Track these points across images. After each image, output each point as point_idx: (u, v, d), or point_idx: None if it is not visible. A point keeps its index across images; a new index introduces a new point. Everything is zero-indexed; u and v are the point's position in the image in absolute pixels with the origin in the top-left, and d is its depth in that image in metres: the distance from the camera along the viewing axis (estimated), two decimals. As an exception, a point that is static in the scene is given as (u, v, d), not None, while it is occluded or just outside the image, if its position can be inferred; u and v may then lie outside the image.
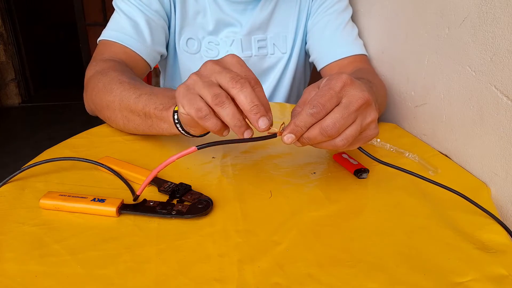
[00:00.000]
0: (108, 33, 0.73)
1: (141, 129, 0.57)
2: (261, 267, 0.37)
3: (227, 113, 0.41)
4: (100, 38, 0.74)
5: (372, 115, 0.43)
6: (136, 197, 0.46)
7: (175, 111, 0.49)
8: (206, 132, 0.50)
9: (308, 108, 0.40)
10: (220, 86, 0.41)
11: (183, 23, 0.79)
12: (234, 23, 0.81)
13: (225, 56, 0.44)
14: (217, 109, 0.41)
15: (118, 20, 0.73)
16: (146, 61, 0.74)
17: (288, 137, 0.41)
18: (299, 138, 0.42)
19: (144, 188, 0.45)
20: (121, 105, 0.57)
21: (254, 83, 0.42)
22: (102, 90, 0.61)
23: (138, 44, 0.72)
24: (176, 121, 0.49)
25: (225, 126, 0.43)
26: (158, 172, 0.43)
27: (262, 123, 0.40)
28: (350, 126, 0.42)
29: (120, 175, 0.50)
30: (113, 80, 0.60)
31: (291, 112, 0.43)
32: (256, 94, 0.41)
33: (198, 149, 0.42)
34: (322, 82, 0.43)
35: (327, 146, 0.42)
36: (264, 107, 0.41)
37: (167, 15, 0.78)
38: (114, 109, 0.59)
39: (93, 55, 0.72)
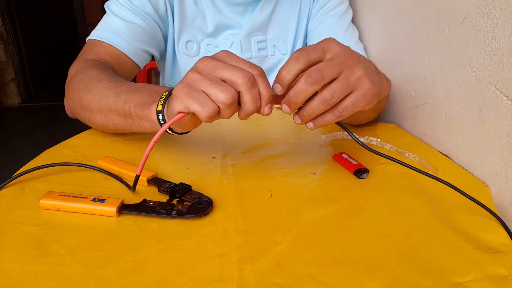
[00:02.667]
0: (96, 33, 0.72)
1: (121, 128, 0.56)
2: (261, 267, 0.37)
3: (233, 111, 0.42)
4: (88, 38, 0.73)
5: (360, 71, 0.42)
6: (135, 181, 0.46)
7: (158, 111, 0.47)
8: (191, 129, 0.50)
9: (293, 56, 0.42)
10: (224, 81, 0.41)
11: (181, 26, 0.79)
12: (234, 24, 0.81)
13: (218, 52, 0.43)
14: (224, 107, 0.41)
15: (107, 19, 0.73)
16: (133, 60, 0.73)
17: (276, 87, 0.42)
18: (288, 98, 0.42)
19: (142, 167, 0.44)
20: (100, 104, 0.56)
21: (258, 74, 0.41)
22: (82, 90, 0.59)
23: (125, 44, 0.71)
24: (162, 122, 0.48)
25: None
26: (153, 145, 0.43)
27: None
28: (336, 79, 0.41)
29: (114, 174, 0.50)
30: (93, 79, 0.59)
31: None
32: (261, 85, 0.41)
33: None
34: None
35: (318, 105, 0.42)
36: (268, 98, 0.42)
37: (161, 19, 0.77)
38: (92, 109, 0.57)
39: (78, 55, 0.71)
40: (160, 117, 0.47)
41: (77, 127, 0.66)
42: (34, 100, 3.39)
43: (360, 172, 0.53)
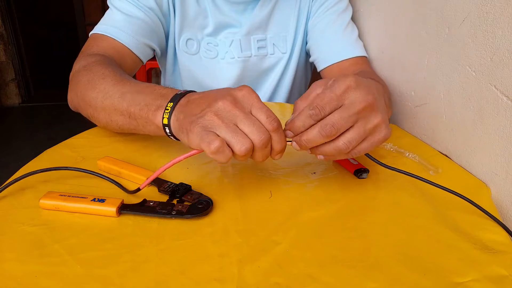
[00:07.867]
0: (99, 27, 0.73)
1: (125, 129, 0.56)
2: (261, 267, 0.37)
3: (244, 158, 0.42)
4: (91, 32, 0.73)
5: (377, 118, 0.43)
6: (136, 190, 0.46)
7: (164, 125, 0.47)
8: None
9: (308, 109, 0.41)
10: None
11: (183, 23, 0.80)
12: (234, 23, 0.81)
13: (242, 90, 0.42)
14: (239, 158, 0.42)
15: (110, 14, 0.74)
16: (136, 54, 0.73)
17: (288, 133, 0.43)
18: (300, 142, 0.43)
19: (146, 185, 0.46)
20: (104, 103, 0.55)
21: (273, 130, 0.41)
22: (85, 85, 0.59)
23: (127, 37, 0.71)
24: (169, 134, 0.47)
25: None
26: (162, 172, 0.44)
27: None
28: (352, 129, 0.42)
29: (113, 180, 0.49)
30: (97, 75, 0.59)
31: (294, 105, 0.44)
32: (274, 142, 0.42)
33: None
34: (330, 82, 0.43)
35: (332, 151, 0.42)
36: (279, 151, 0.43)
37: (163, 15, 0.78)
38: (96, 107, 0.57)
39: (82, 49, 0.71)
40: (167, 131, 0.47)
41: (77, 127, 0.65)
42: (34, 100, 3.38)
43: (360, 172, 0.53)
